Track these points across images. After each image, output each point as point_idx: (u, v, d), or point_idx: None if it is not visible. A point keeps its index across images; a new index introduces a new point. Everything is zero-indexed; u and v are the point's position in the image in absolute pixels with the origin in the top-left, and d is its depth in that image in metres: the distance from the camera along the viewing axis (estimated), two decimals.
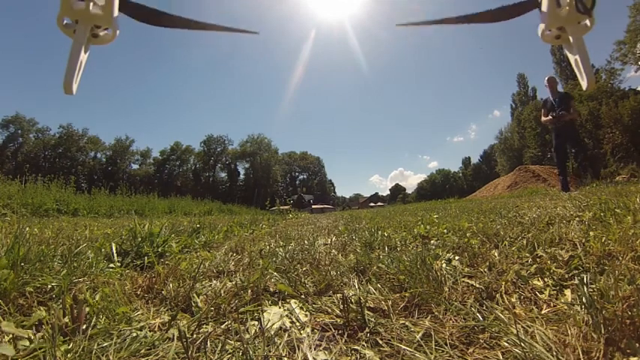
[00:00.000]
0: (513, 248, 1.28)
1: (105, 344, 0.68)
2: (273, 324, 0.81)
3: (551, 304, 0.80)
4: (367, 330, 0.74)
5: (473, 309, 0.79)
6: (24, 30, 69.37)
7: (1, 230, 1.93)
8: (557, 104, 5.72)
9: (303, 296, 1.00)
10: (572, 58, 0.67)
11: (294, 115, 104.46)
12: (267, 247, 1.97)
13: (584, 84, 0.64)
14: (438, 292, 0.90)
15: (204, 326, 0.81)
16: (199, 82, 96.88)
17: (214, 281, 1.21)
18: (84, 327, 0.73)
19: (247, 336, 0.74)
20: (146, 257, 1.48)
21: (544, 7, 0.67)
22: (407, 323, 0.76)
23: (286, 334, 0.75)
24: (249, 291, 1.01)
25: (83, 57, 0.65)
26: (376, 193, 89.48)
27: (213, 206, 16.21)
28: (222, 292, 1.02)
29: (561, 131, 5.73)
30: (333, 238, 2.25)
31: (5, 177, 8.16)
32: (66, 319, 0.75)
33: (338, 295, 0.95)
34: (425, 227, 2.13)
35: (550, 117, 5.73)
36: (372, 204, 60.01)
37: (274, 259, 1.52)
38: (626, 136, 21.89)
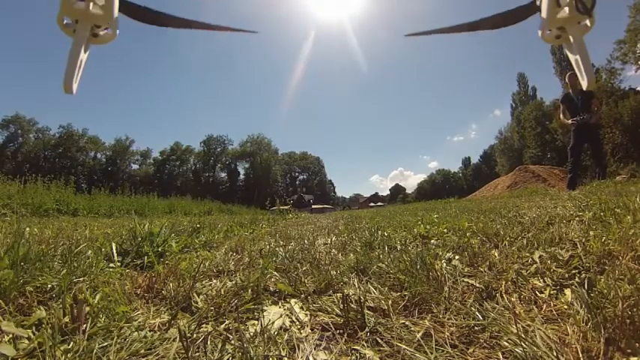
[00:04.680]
0: (513, 248, 1.28)
1: (105, 344, 0.68)
2: (274, 323, 0.81)
3: (551, 304, 0.80)
4: (367, 329, 0.74)
5: (473, 308, 0.79)
6: (24, 30, 69.45)
7: (1, 230, 1.93)
8: (580, 103, 5.54)
9: (303, 295, 1.00)
10: (572, 57, 0.67)
11: (294, 115, 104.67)
12: (267, 247, 1.97)
13: (584, 83, 0.64)
14: (438, 291, 0.90)
15: (204, 326, 0.81)
16: (199, 82, 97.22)
17: (214, 281, 1.21)
18: (84, 327, 0.73)
19: (247, 335, 0.74)
20: (146, 257, 1.48)
21: (544, 7, 0.67)
22: (407, 323, 0.76)
23: (286, 334, 0.75)
24: (250, 290, 1.01)
25: (83, 57, 0.65)
26: (376, 193, 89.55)
27: (213, 206, 16.20)
28: (222, 291, 1.02)
29: (582, 131, 5.57)
30: (333, 238, 2.25)
31: (5, 177, 8.17)
32: (66, 319, 0.75)
33: (338, 294, 0.95)
34: (425, 227, 2.12)
35: (573, 121, 5.56)
36: (372, 204, 60.00)
37: (274, 258, 1.51)
38: (626, 136, 21.83)
